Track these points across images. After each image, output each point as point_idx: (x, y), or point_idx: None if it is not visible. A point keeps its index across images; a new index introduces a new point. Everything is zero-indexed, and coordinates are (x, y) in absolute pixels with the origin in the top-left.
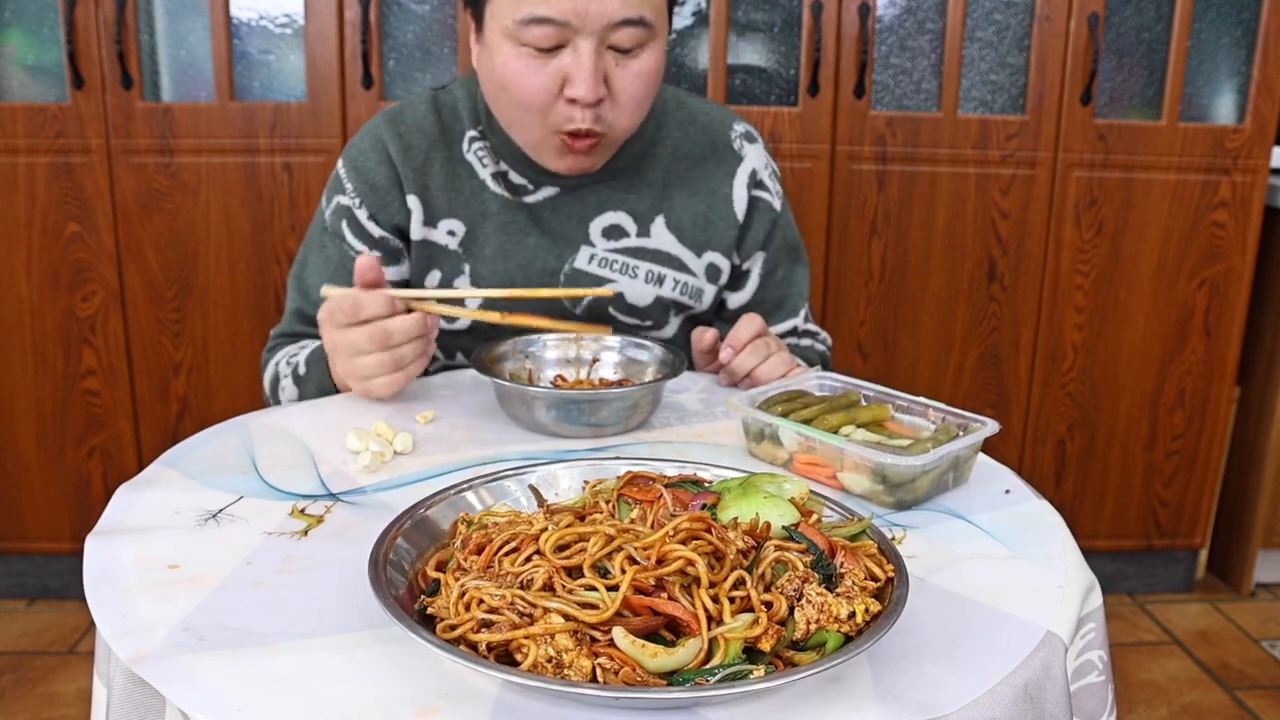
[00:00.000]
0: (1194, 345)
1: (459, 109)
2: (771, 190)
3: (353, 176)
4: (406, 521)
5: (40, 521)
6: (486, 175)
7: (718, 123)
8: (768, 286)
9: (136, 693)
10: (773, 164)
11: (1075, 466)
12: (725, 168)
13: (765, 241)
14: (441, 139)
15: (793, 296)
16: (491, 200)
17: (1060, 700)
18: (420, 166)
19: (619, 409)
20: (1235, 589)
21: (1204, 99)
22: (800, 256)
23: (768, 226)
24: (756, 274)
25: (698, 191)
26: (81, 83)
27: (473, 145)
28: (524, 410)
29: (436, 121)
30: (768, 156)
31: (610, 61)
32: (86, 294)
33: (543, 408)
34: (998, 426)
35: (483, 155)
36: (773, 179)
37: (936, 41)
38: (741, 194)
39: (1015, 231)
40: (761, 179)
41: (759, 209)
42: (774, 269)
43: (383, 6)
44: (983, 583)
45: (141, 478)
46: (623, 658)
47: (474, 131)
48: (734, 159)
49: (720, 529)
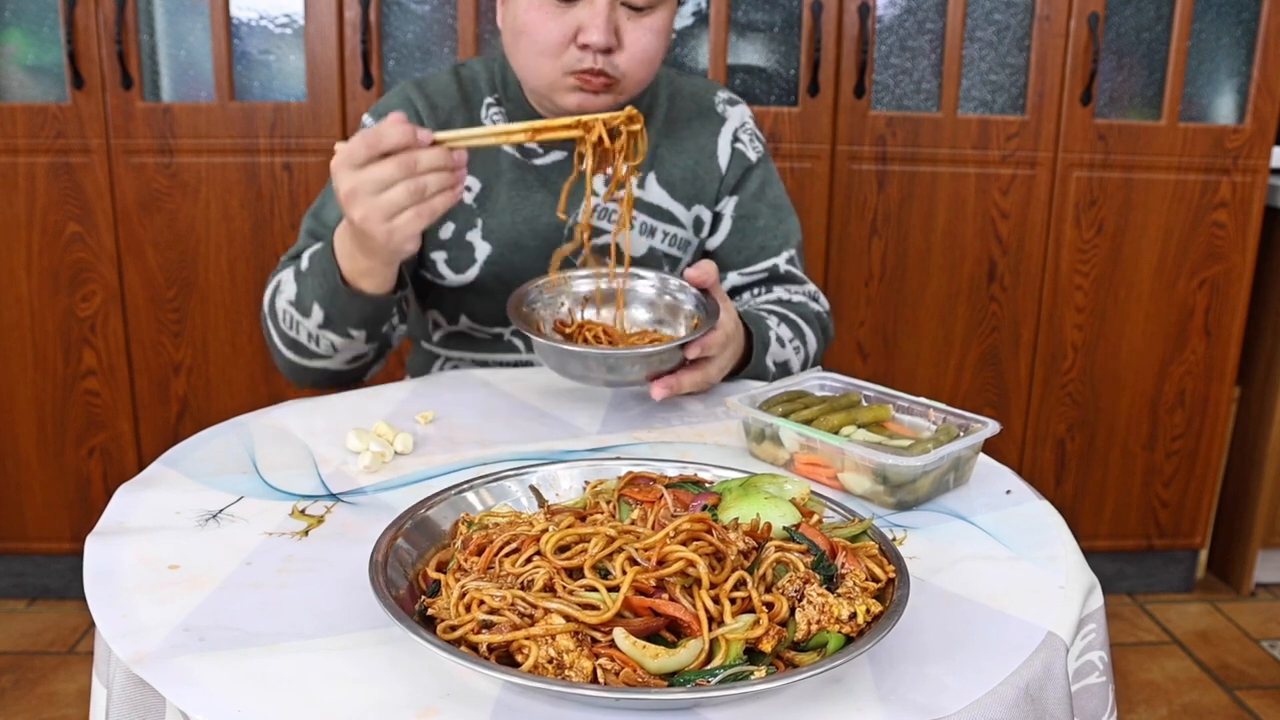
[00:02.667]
0: (1194, 345)
1: (478, 79)
2: (747, 144)
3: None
4: (407, 522)
5: (40, 521)
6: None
7: (703, 90)
8: (746, 231)
9: (136, 693)
10: (754, 125)
11: (1075, 466)
12: (710, 127)
13: (736, 186)
14: (463, 104)
15: (774, 244)
16: (504, 160)
17: (1061, 701)
18: (443, 125)
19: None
20: (1235, 589)
21: (1204, 99)
22: (785, 214)
23: (740, 173)
24: (729, 216)
25: (686, 150)
26: (81, 83)
27: (490, 111)
28: (580, 368)
29: (459, 89)
30: (749, 118)
31: (623, 15)
32: (86, 294)
33: (598, 366)
34: (998, 427)
35: (498, 119)
36: (751, 136)
37: (936, 41)
38: (725, 149)
39: (1015, 231)
40: (740, 135)
41: (735, 158)
42: (752, 216)
43: (383, 6)
44: (984, 583)
45: (141, 478)
46: (624, 659)
47: (491, 98)
48: (718, 119)
49: (721, 530)
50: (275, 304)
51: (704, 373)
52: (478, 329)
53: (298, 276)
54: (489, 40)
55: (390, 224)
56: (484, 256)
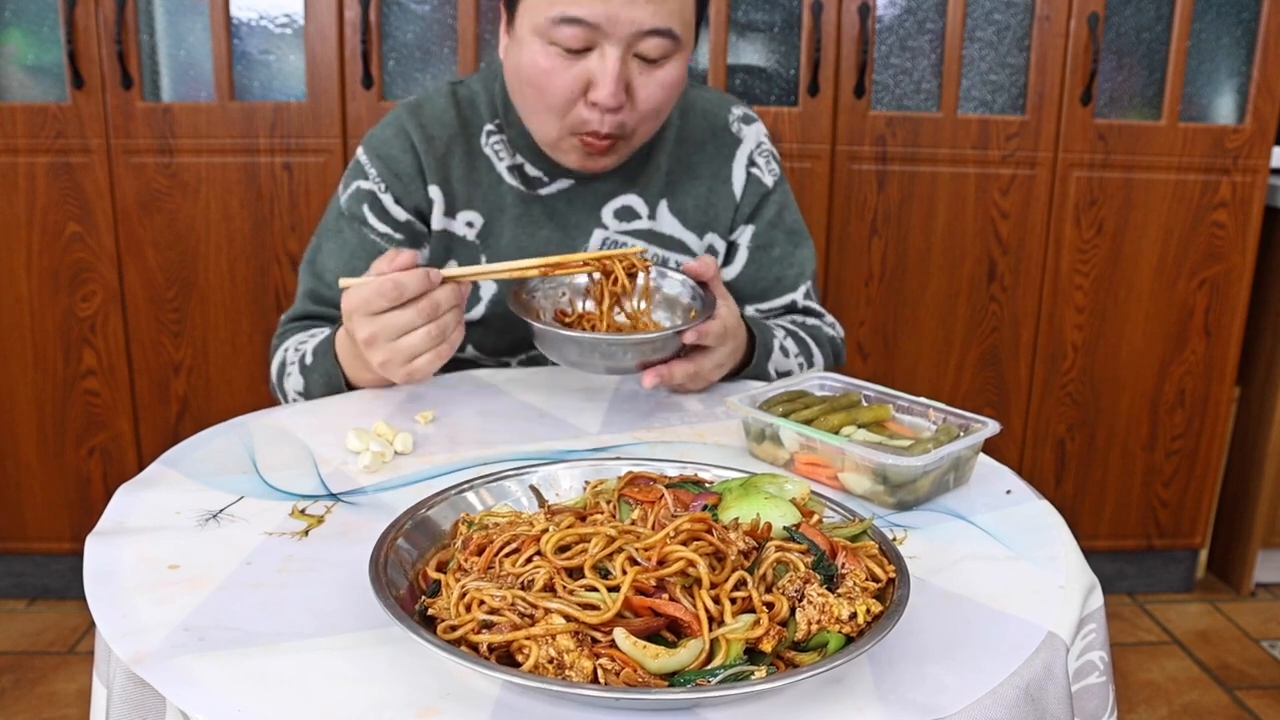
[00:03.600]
0: (1194, 345)
1: (477, 102)
2: (764, 168)
3: (376, 163)
4: (407, 522)
5: (40, 521)
6: (503, 168)
7: (716, 107)
8: (762, 262)
9: (136, 693)
10: (769, 145)
11: (1075, 466)
12: (725, 151)
13: (753, 215)
14: (461, 132)
15: (790, 275)
16: (507, 193)
17: (1061, 701)
18: (441, 158)
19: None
20: (1235, 589)
21: (1204, 99)
22: (803, 241)
23: (756, 200)
24: (745, 247)
25: (700, 175)
26: (81, 83)
27: (490, 138)
28: (580, 354)
29: (456, 114)
30: (764, 137)
31: (634, 69)
32: (86, 294)
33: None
34: (999, 427)
35: (499, 148)
36: (767, 158)
37: (936, 41)
38: (740, 174)
39: (1015, 231)
40: (755, 158)
41: (750, 184)
42: (768, 245)
43: (383, 6)
44: (984, 583)
45: (141, 478)
46: (624, 659)
47: (491, 125)
48: (732, 141)
49: (721, 530)
50: (284, 386)
51: (698, 366)
52: (484, 359)
53: (303, 370)
54: (489, 40)
55: (410, 366)
56: (489, 295)
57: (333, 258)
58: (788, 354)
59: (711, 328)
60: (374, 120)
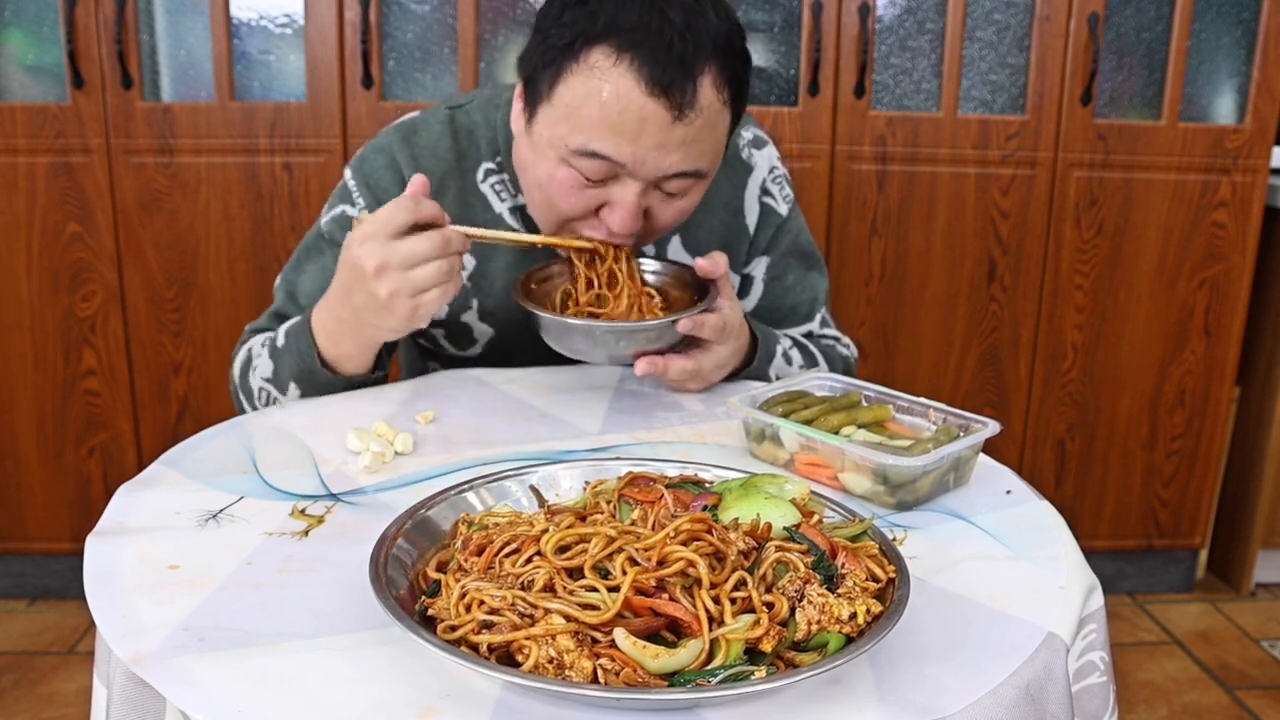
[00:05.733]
0: (1194, 345)
1: (476, 136)
2: (777, 196)
3: (364, 191)
4: (407, 522)
5: (40, 521)
6: (504, 209)
7: None
8: (776, 292)
9: (136, 693)
10: (781, 167)
11: (1075, 466)
12: (736, 180)
13: (769, 246)
14: (456, 167)
15: (805, 302)
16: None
17: (1062, 701)
18: (434, 193)
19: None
20: (1235, 589)
21: (1204, 99)
22: (814, 263)
23: (771, 231)
24: (760, 278)
25: (711, 208)
26: (81, 83)
27: (489, 178)
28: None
29: (453, 146)
30: (776, 160)
31: (654, 197)
32: (86, 294)
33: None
34: (999, 427)
35: (499, 189)
36: (779, 184)
37: (936, 41)
38: (753, 205)
39: (1015, 231)
40: (769, 186)
41: (765, 214)
42: (782, 274)
43: (383, 6)
44: (984, 584)
45: (141, 478)
46: (624, 659)
47: (491, 164)
48: (744, 170)
49: (721, 530)
50: (249, 380)
51: (697, 364)
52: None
53: (273, 353)
54: (489, 40)
55: (416, 300)
56: (485, 339)
57: (311, 281)
58: (790, 361)
59: (709, 319)
60: (374, 120)
